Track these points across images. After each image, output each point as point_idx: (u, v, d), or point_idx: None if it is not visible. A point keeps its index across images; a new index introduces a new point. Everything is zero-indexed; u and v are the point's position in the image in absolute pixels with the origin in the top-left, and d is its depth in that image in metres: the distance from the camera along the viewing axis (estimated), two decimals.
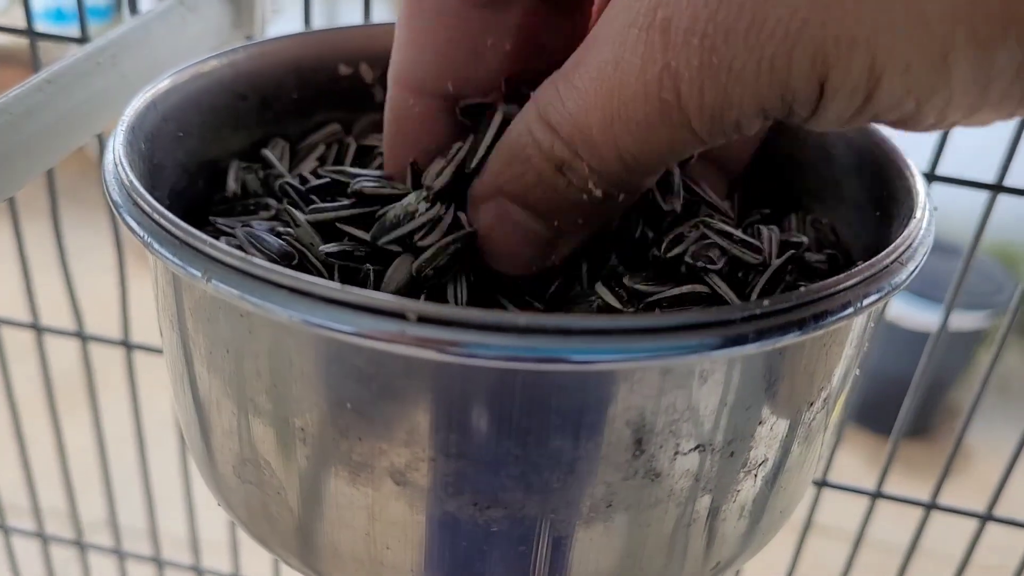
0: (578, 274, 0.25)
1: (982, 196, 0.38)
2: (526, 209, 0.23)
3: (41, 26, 0.41)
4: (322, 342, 0.20)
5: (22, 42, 0.41)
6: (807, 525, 0.47)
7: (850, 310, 0.20)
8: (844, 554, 0.49)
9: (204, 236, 0.20)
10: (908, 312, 1.42)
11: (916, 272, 0.22)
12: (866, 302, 0.21)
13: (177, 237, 0.20)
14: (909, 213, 0.24)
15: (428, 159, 0.26)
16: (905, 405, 0.44)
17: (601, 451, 0.21)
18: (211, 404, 0.23)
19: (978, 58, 0.17)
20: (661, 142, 0.21)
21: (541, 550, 0.22)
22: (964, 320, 1.41)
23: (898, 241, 0.22)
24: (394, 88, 0.26)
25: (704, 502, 0.23)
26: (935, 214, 0.25)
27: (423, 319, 0.18)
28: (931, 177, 0.38)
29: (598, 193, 0.22)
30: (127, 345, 0.49)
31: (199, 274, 0.20)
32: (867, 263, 0.21)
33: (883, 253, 0.22)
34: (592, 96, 0.21)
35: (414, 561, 0.22)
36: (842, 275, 0.21)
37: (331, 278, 0.23)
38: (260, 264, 0.19)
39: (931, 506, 0.44)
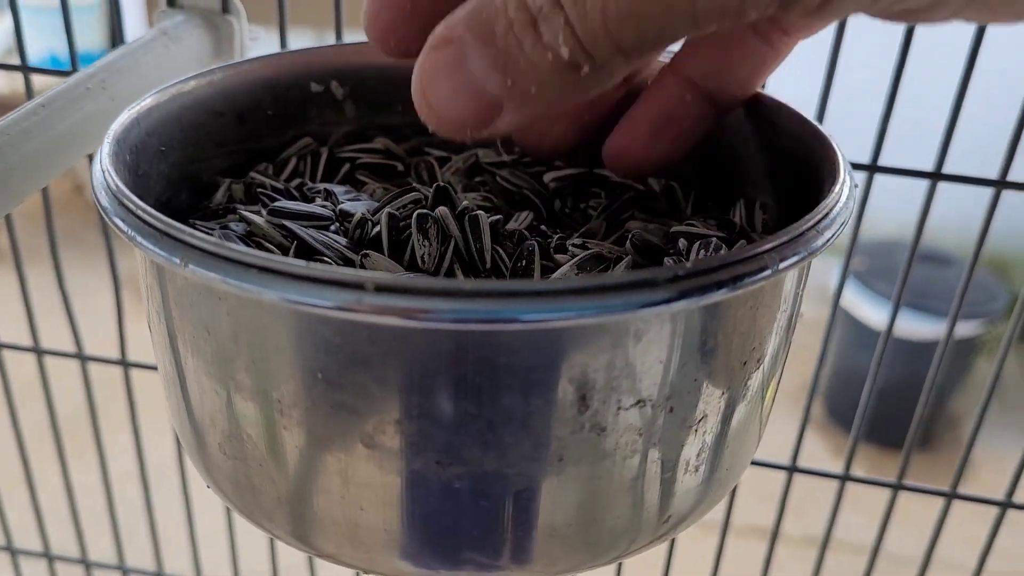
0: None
1: (977, 205, 0.40)
2: (485, 60, 0.22)
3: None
4: (291, 316, 0.22)
5: (18, 91, 0.44)
6: (781, 512, 0.49)
7: (767, 272, 0.22)
8: (845, 563, 0.51)
9: (180, 226, 0.22)
10: (901, 322, 1.44)
11: (833, 240, 0.25)
12: (782, 265, 0.23)
13: (157, 228, 0.22)
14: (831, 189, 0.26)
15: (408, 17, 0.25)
16: (863, 399, 0.46)
17: (549, 407, 0.23)
18: (197, 386, 0.25)
19: None
20: (652, 9, 0.20)
21: (503, 504, 0.24)
22: (958, 329, 1.43)
23: (815, 211, 0.24)
24: None
25: (651, 456, 0.25)
26: (855, 191, 0.27)
27: (380, 288, 0.20)
28: (872, 168, 0.40)
29: (564, 53, 0.21)
30: (125, 364, 0.51)
31: (178, 260, 0.22)
32: (784, 229, 0.24)
33: (799, 221, 0.24)
34: None
35: (387, 520, 0.24)
36: (760, 240, 0.23)
37: (287, 254, 0.26)
38: (230, 247, 0.21)
39: (898, 486, 0.46)
